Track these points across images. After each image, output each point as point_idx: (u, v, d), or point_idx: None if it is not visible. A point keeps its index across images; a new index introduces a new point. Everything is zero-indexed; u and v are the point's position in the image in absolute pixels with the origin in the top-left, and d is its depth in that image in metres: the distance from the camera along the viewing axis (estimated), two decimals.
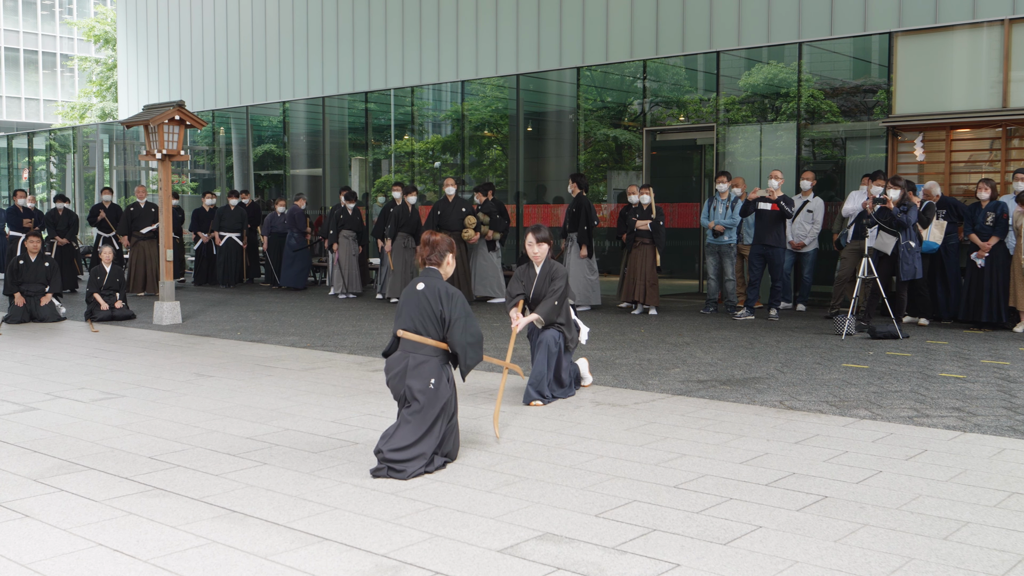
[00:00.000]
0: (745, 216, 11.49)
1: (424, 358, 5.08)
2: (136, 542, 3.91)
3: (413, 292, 5.20)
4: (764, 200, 11.05)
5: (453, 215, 13.26)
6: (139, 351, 9.43)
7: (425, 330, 5.08)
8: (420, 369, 5.06)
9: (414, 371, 5.05)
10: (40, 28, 53.13)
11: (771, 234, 11.11)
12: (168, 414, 6.42)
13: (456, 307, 5.13)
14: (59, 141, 26.73)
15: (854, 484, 4.67)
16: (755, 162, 13.92)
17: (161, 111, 11.53)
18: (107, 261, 12.12)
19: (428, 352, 5.10)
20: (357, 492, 4.58)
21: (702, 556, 3.72)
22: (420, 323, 5.08)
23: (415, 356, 5.09)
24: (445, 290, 5.15)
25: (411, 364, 5.07)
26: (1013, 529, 4.02)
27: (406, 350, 5.12)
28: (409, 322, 5.12)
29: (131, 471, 5.00)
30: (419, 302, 5.13)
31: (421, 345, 5.09)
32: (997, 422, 5.99)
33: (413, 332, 5.10)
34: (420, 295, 5.13)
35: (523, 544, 3.87)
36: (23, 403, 6.81)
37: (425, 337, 5.09)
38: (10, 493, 4.61)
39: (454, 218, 13.24)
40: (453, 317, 5.09)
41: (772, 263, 11.24)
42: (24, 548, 3.85)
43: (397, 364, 5.13)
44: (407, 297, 5.21)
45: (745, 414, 6.27)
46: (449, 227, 13.17)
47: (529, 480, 4.78)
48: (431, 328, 5.09)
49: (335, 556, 3.75)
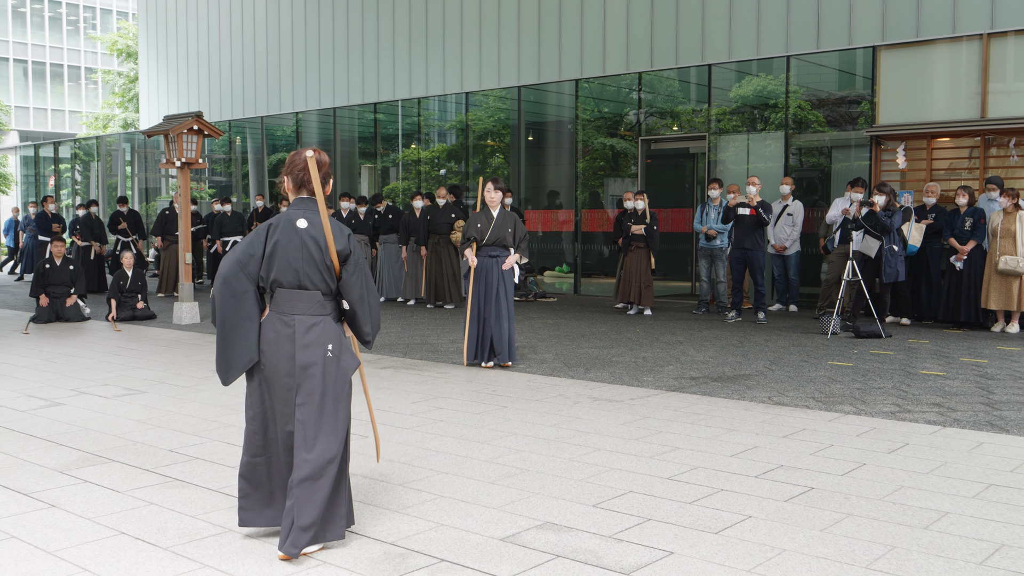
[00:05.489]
0: (726, 222, 11.47)
1: (315, 318, 3.69)
2: (157, 531, 3.92)
3: (292, 231, 3.67)
4: (743, 206, 11.05)
5: (442, 220, 13.45)
6: (160, 349, 9.44)
7: (311, 282, 3.67)
8: (312, 334, 3.67)
9: (304, 338, 3.65)
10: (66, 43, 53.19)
11: (749, 238, 11.07)
12: (187, 409, 6.42)
13: (356, 246, 3.77)
14: (83, 150, 26.76)
15: (839, 476, 4.67)
16: (745, 170, 13.92)
17: (180, 121, 11.55)
18: (128, 266, 12.14)
19: (317, 310, 3.69)
20: (366, 483, 4.58)
21: (694, 544, 3.73)
22: (304, 273, 3.66)
23: (302, 319, 3.68)
24: (338, 227, 3.73)
25: (299, 329, 3.67)
26: (990, 519, 4.02)
27: (283, 311, 3.69)
28: (291, 273, 3.66)
29: (152, 463, 5.00)
30: (302, 244, 3.66)
31: (309, 301, 3.68)
32: (975, 417, 5.98)
33: (295, 286, 3.67)
34: (304, 234, 3.67)
35: (524, 533, 3.87)
36: (49, 399, 6.82)
37: (312, 291, 3.68)
38: (37, 484, 4.62)
39: (443, 222, 13.42)
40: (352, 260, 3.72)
41: (751, 266, 11.18)
42: (50, 536, 3.86)
43: (270, 332, 3.67)
44: (286, 239, 3.67)
45: (735, 409, 6.27)
46: (439, 231, 13.44)
47: (530, 472, 4.78)
48: (317, 279, 3.68)
49: (346, 544, 3.74)
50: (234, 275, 3.64)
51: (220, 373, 3.68)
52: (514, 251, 8.08)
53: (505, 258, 8.04)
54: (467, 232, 8.07)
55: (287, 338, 3.63)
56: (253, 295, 3.68)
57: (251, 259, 3.66)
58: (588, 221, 15.91)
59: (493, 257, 8.04)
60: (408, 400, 6.64)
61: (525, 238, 8.18)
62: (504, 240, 8.03)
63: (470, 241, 8.04)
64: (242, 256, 3.66)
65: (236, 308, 3.64)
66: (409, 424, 5.88)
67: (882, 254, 9.98)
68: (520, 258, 8.06)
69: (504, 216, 8.08)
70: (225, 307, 3.64)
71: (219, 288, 3.66)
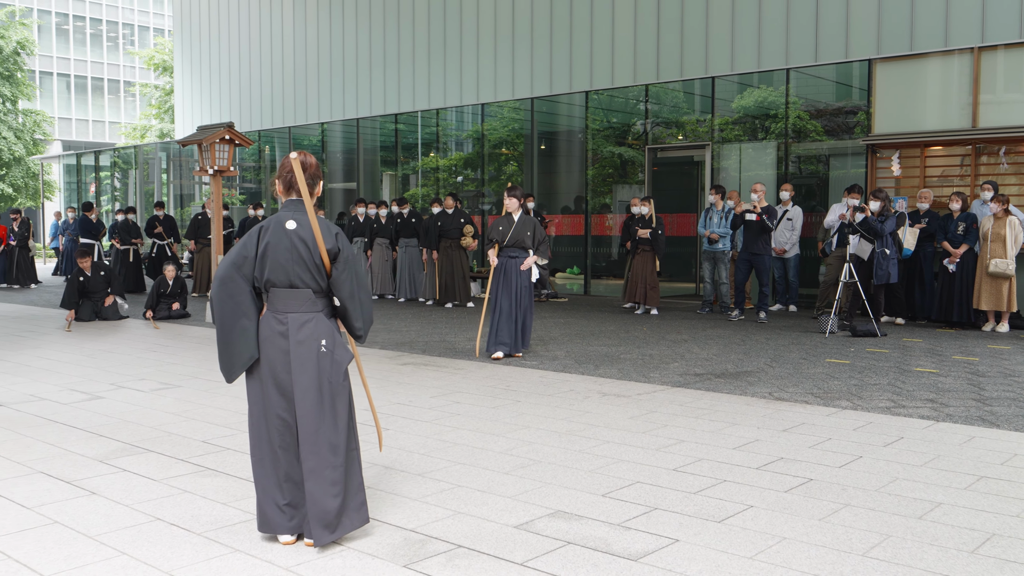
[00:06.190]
0: (735, 228, 11.51)
1: (307, 315, 3.61)
2: (191, 517, 3.94)
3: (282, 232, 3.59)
4: (750, 212, 11.08)
5: (452, 225, 13.51)
6: (194, 346, 9.48)
7: (301, 281, 3.58)
8: (305, 330, 3.58)
9: (297, 334, 3.57)
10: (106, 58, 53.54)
11: (757, 243, 11.11)
12: (219, 402, 6.45)
13: (345, 244, 3.66)
14: (122, 158, 26.92)
15: (837, 468, 4.65)
16: (746, 177, 13.87)
17: (213, 131, 11.60)
18: (170, 276, 12.23)
19: (309, 307, 3.61)
20: (387, 473, 4.59)
21: (699, 532, 3.71)
22: (294, 272, 3.57)
23: (295, 316, 3.60)
24: (326, 226, 3.64)
25: (292, 327, 3.58)
26: (982, 510, 3.99)
27: (277, 310, 3.60)
28: (282, 273, 3.58)
29: (186, 453, 5.02)
30: (292, 245, 3.57)
31: (301, 299, 3.59)
32: (967, 412, 5.94)
33: (287, 285, 3.59)
34: (293, 235, 3.58)
35: (537, 521, 3.86)
36: (90, 392, 6.86)
37: (304, 289, 3.59)
38: (79, 472, 4.65)
39: (453, 227, 13.50)
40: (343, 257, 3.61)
41: (758, 268, 11.24)
42: (91, 522, 3.88)
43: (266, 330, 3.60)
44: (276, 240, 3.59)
45: (737, 404, 6.25)
46: (449, 235, 13.55)
47: (542, 463, 4.77)
48: (308, 277, 3.59)
49: (368, 531, 3.75)
50: (230, 276, 3.59)
51: (224, 371, 3.62)
52: (533, 253, 8.39)
53: (524, 259, 8.35)
54: (490, 234, 8.45)
55: (281, 335, 3.57)
56: (249, 295, 3.61)
57: (245, 260, 3.60)
58: (597, 225, 15.89)
59: (513, 258, 8.38)
60: (427, 395, 6.65)
61: (544, 241, 8.51)
62: (523, 242, 8.36)
63: (493, 242, 8.40)
64: (236, 258, 3.61)
65: (234, 308, 3.58)
66: (428, 417, 5.88)
67: (874, 256, 9.93)
68: (539, 259, 8.40)
69: (524, 220, 8.39)
70: (223, 307, 3.59)
71: (216, 289, 3.61)
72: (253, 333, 3.59)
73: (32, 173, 33.61)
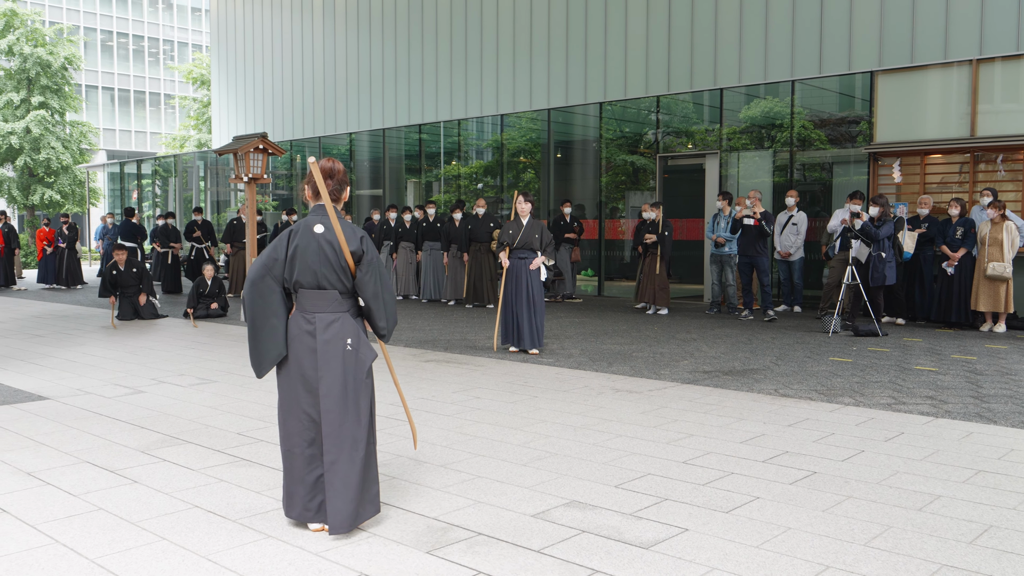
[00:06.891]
0: (735, 233, 11.62)
1: (334, 315, 3.61)
2: (227, 505, 3.96)
3: (310, 236, 3.59)
4: (748, 217, 11.32)
5: (482, 229, 13.49)
6: (230, 343, 9.53)
7: (328, 282, 3.59)
8: (331, 330, 3.58)
9: (324, 333, 3.57)
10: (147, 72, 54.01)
11: (754, 246, 11.38)
12: (253, 396, 6.48)
13: (370, 247, 3.65)
14: (163, 167, 27.14)
15: (840, 462, 4.61)
16: (754, 183, 13.80)
17: (247, 141, 11.67)
18: (208, 276, 12.32)
19: (335, 307, 3.61)
20: (411, 464, 4.60)
21: (707, 522, 3.69)
22: (321, 274, 3.58)
23: (322, 316, 3.60)
24: (351, 230, 3.64)
25: (319, 326, 3.58)
26: (980, 502, 3.94)
27: (306, 309, 3.61)
28: (310, 275, 3.58)
29: (222, 445, 5.05)
30: (319, 248, 3.58)
31: (328, 300, 3.59)
32: (965, 409, 5.88)
33: (315, 286, 3.60)
34: (320, 239, 3.59)
35: (553, 510, 3.86)
36: (132, 387, 6.91)
37: (330, 290, 3.60)
38: (122, 462, 4.69)
39: (483, 231, 13.46)
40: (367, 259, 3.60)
41: (758, 269, 11.46)
42: (133, 509, 3.91)
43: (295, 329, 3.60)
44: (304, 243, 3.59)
45: (744, 400, 6.21)
46: (479, 239, 13.50)
47: (558, 455, 4.77)
48: (334, 279, 3.59)
49: (393, 519, 3.76)
50: (260, 278, 3.59)
51: (254, 367, 3.63)
52: (540, 253, 8.49)
53: (532, 260, 8.47)
54: (501, 238, 8.61)
55: (309, 334, 3.57)
56: (279, 295, 3.61)
57: (275, 263, 3.60)
58: (611, 230, 15.86)
59: (522, 259, 8.50)
60: (449, 390, 6.66)
61: (551, 243, 8.60)
62: (532, 244, 8.49)
63: (504, 245, 8.55)
64: (267, 260, 3.61)
65: (264, 308, 3.58)
66: (449, 411, 5.89)
67: (870, 259, 9.87)
68: (547, 260, 8.37)
69: (532, 224, 8.49)
70: (254, 307, 3.59)
71: (248, 290, 3.62)
72: (282, 332, 3.59)
73: (79, 181, 33.95)
